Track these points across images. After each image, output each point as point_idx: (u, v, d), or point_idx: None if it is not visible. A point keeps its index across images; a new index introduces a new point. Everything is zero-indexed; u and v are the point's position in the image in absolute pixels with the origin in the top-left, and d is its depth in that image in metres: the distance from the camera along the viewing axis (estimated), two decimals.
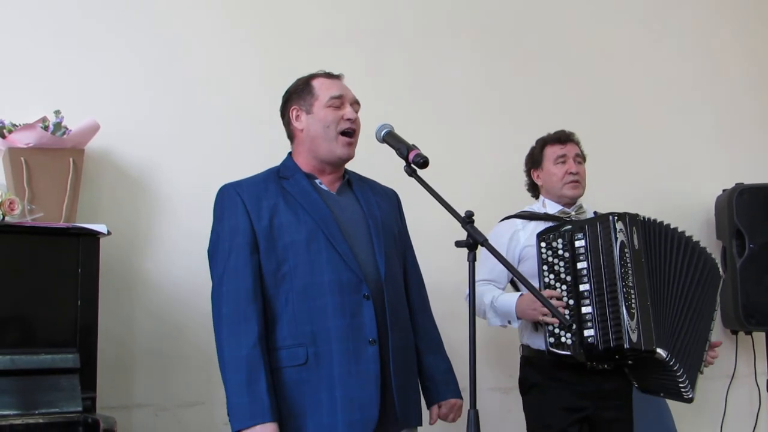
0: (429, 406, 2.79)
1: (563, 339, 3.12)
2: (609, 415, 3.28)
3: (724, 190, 4.46)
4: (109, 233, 2.93)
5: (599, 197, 3.72)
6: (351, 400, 2.47)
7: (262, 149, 2.94)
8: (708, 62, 4.80)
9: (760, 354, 4.46)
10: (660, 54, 4.69)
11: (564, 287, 3.17)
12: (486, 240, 2.41)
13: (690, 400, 3.20)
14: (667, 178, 4.56)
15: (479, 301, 3.30)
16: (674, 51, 4.73)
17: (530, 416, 3.39)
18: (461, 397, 2.79)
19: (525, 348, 3.42)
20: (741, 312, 4.23)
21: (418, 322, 2.80)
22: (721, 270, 3.47)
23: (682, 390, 3.15)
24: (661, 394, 3.32)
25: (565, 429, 3.24)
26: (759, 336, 4.47)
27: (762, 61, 4.92)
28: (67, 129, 3.10)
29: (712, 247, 4.49)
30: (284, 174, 2.70)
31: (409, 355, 2.69)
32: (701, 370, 3.24)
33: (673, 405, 4.02)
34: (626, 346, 3.02)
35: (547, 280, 3.21)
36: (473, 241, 2.41)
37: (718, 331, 4.45)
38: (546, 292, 3.14)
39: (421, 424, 2.71)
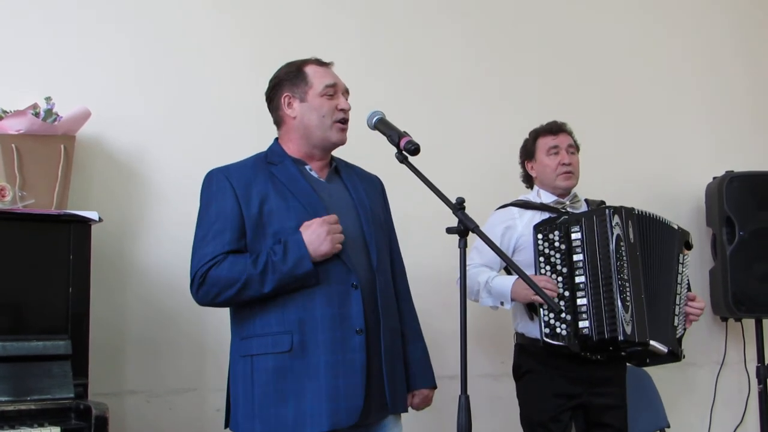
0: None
1: (558, 329, 3.14)
2: (603, 401, 3.30)
3: (714, 178, 4.47)
4: (100, 220, 2.92)
5: (591, 185, 3.72)
6: (336, 389, 2.46)
7: (253, 136, 2.93)
8: (700, 50, 4.81)
9: (750, 341, 4.48)
10: (652, 42, 4.69)
11: (560, 279, 3.19)
12: (477, 226, 2.42)
13: (676, 358, 3.27)
14: (658, 166, 4.57)
15: (473, 282, 3.30)
16: (666, 39, 4.73)
17: (523, 402, 3.40)
18: (435, 387, 2.79)
19: (519, 336, 3.43)
20: (731, 299, 4.25)
21: (403, 309, 2.80)
22: (711, 256, 3.48)
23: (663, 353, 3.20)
24: (648, 360, 3.33)
25: (557, 416, 3.26)
26: (748, 323, 4.49)
27: (753, 49, 4.93)
28: (58, 116, 3.09)
29: (702, 234, 4.53)
30: (272, 160, 2.68)
31: (397, 342, 2.69)
32: (676, 324, 3.25)
33: (663, 392, 4.04)
34: (621, 338, 3.05)
35: (543, 271, 3.22)
36: (464, 228, 2.41)
37: (707, 319, 4.49)
38: (537, 278, 3.15)
39: (406, 411, 2.71)
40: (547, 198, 3.48)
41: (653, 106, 4.63)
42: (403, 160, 2.56)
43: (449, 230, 2.46)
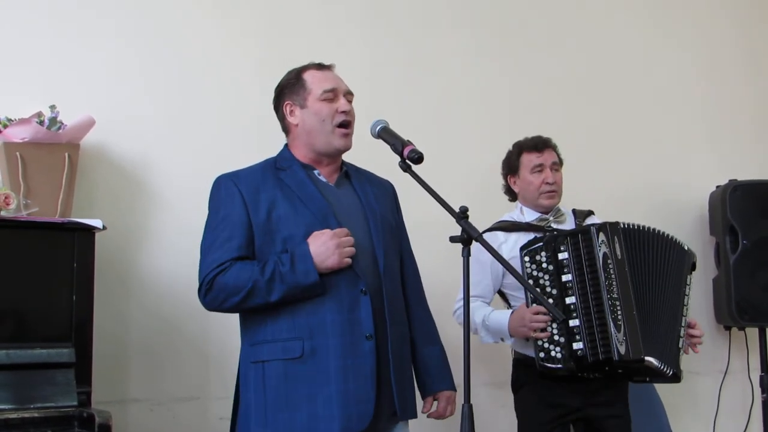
0: (424, 397, 2.79)
1: (553, 353, 3.11)
2: (604, 412, 3.27)
3: (717, 187, 4.47)
4: (104, 228, 2.93)
5: (593, 194, 3.73)
6: (347, 394, 2.47)
7: (257, 143, 2.94)
8: (702, 59, 4.81)
9: (753, 350, 4.48)
10: (654, 51, 4.70)
11: (550, 300, 3.15)
12: (480, 235, 2.41)
13: (676, 379, 3.20)
14: (661, 175, 4.57)
15: (471, 320, 3.28)
16: (668, 47, 4.74)
17: (521, 414, 3.38)
18: (455, 389, 2.78)
19: (516, 351, 3.42)
20: (734, 308, 4.24)
21: (415, 314, 2.80)
22: (714, 264, 3.44)
23: (665, 372, 3.13)
24: (648, 379, 3.29)
25: (554, 427, 3.25)
26: (752, 332, 4.48)
27: (756, 57, 4.93)
28: (62, 124, 3.10)
29: (706, 243, 4.52)
30: (281, 165, 2.68)
31: (406, 348, 2.69)
32: (680, 346, 3.21)
33: (666, 401, 4.03)
34: (615, 358, 3.02)
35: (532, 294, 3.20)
36: (468, 237, 2.41)
37: (711, 328, 4.48)
38: (534, 309, 3.12)
39: (415, 417, 2.70)
40: (531, 215, 3.45)
41: (656, 115, 4.62)
42: (406, 168, 2.56)
43: (453, 239, 2.45)
